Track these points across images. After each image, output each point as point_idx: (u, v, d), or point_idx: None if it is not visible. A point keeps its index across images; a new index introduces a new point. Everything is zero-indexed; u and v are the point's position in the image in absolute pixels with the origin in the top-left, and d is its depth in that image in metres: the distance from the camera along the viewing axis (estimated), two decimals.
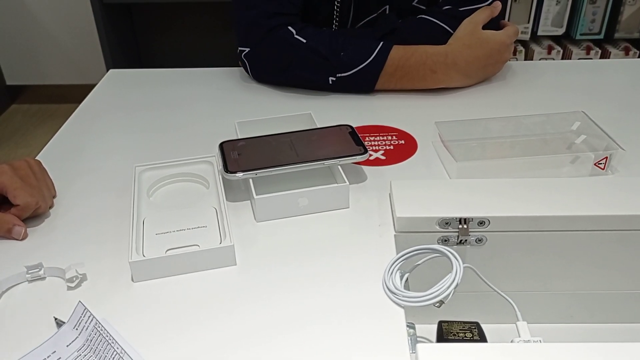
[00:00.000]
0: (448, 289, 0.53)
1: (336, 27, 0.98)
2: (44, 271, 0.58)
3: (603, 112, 0.83)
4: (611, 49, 2.12)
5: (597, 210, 0.61)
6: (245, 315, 0.54)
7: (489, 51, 0.90)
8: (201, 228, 0.62)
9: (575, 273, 0.65)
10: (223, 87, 0.98)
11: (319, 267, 0.59)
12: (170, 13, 2.53)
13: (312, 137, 0.71)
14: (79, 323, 0.49)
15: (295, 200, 0.65)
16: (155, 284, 0.57)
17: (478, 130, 0.77)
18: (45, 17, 2.57)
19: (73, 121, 0.90)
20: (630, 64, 1.07)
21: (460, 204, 0.62)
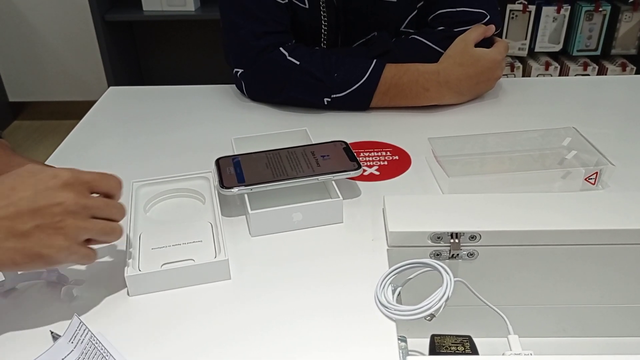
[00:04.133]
0: (439, 303, 0.54)
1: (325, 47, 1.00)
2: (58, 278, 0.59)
3: (594, 128, 0.84)
4: (608, 65, 2.14)
5: (587, 224, 0.62)
6: (239, 328, 0.54)
7: (480, 69, 0.91)
8: (196, 243, 0.63)
9: (566, 287, 0.66)
10: (220, 104, 1.00)
11: (311, 281, 0.60)
12: (171, 30, 2.56)
13: (307, 153, 0.73)
14: (75, 336, 0.49)
15: (289, 215, 0.66)
16: (150, 298, 0.58)
17: (471, 146, 0.78)
18: (48, 34, 2.60)
19: (72, 137, 0.91)
20: (622, 80, 1.08)
21: (452, 218, 0.63)
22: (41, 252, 0.50)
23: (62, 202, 0.50)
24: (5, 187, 0.50)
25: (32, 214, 0.49)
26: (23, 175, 0.51)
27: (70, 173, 0.52)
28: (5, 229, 0.49)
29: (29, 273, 0.59)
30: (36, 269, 0.52)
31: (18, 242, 0.49)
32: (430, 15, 0.95)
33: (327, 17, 0.95)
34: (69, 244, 0.51)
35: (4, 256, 0.49)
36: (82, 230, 0.52)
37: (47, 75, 2.72)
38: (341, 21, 0.96)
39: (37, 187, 0.50)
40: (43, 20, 2.57)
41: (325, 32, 0.96)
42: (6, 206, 0.49)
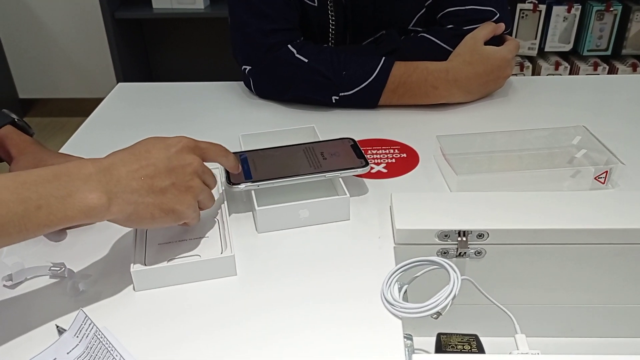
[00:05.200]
0: (445, 301, 0.54)
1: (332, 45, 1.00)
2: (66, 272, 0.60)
3: (604, 127, 0.83)
4: (619, 65, 2.13)
5: (596, 223, 0.61)
6: (245, 324, 0.54)
7: (490, 67, 0.91)
8: (203, 239, 0.63)
9: (574, 286, 0.65)
10: (228, 100, 1.00)
11: (318, 278, 0.59)
12: (181, 28, 2.56)
13: (315, 150, 0.72)
14: (80, 331, 0.49)
15: (296, 212, 0.66)
16: (156, 293, 0.58)
17: (479, 144, 0.78)
18: (58, 31, 2.62)
19: (81, 133, 0.91)
20: (632, 79, 1.07)
21: (459, 216, 0.62)
22: (175, 207, 0.55)
23: (191, 162, 0.57)
24: (141, 150, 0.55)
25: (168, 172, 0.55)
26: (153, 141, 0.57)
27: (190, 140, 0.58)
28: (147, 186, 0.54)
29: (35, 268, 0.60)
30: (167, 224, 0.57)
31: (157, 197, 0.54)
32: (439, 13, 0.95)
33: (335, 15, 0.95)
34: (195, 201, 0.57)
35: (145, 210, 0.54)
36: (203, 190, 0.58)
37: (56, 73, 2.73)
38: (349, 19, 0.96)
39: (169, 150, 0.56)
40: (53, 17, 2.59)
41: (333, 30, 0.96)
42: (147, 166, 0.54)
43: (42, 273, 0.60)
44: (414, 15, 0.96)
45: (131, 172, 0.53)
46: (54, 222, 0.49)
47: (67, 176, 0.50)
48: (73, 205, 0.49)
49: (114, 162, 0.53)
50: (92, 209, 0.50)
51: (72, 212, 0.49)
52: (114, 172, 0.52)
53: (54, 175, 0.50)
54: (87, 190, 0.50)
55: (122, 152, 0.55)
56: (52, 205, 0.48)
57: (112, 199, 0.51)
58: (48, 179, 0.49)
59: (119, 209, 0.52)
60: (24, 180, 0.49)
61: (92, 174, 0.51)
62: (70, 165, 0.51)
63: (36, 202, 0.48)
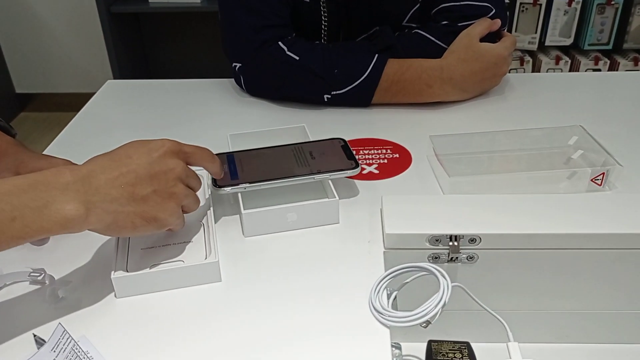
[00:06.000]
0: (435, 309, 0.52)
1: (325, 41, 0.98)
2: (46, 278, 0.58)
3: (603, 126, 0.81)
4: (620, 59, 2.10)
5: (592, 228, 0.59)
6: (229, 332, 0.53)
7: (485, 65, 0.89)
8: (187, 243, 0.61)
9: (570, 292, 0.64)
10: (219, 98, 0.98)
11: (304, 284, 0.58)
12: (178, 22, 2.54)
13: (304, 151, 0.71)
14: (57, 345, 0.48)
15: (284, 215, 0.64)
16: (138, 300, 0.57)
17: (473, 145, 0.76)
18: (54, 26, 2.60)
19: (69, 131, 0.90)
20: (633, 76, 1.05)
21: (451, 220, 0.61)
22: (157, 215, 0.54)
23: (173, 168, 0.55)
24: (122, 155, 0.53)
25: (149, 179, 0.53)
26: (134, 145, 0.55)
27: (175, 143, 0.56)
28: (128, 194, 0.52)
29: (14, 273, 0.58)
30: (150, 232, 0.55)
31: (138, 206, 0.52)
32: (434, 9, 0.93)
33: (328, 11, 0.93)
34: (178, 207, 0.56)
35: (126, 219, 0.52)
36: (186, 195, 0.56)
37: (53, 67, 2.71)
38: (342, 15, 0.94)
39: (151, 155, 0.54)
40: (49, 12, 2.56)
41: (325, 26, 0.94)
42: (127, 173, 0.52)
43: (21, 279, 0.59)
44: (408, 11, 0.94)
45: (110, 179, 0.51)
46: (28, 234, 0.47)
47: (44, 185, 0.48)
48: (49, 216, 0.47)
49: (93, 169, 0.51)
50: (69, 221, 0.48)
51: (48, 223, 0.48)
52: (93, 181, 0.51)
53: (30, 184, 0.48)
54: (64, 201, 0.48)
55: (102, 158, 0.53)
56: (27, 216, 0.47)
57: (90, 209, 0.49)
58: (23, 188, 0.48)
59: (97, 219, 0.50)
60: None
61: (70, 182, 0.49)
62: (48, 174, 0.49)
63: (10, 214, 0.46)
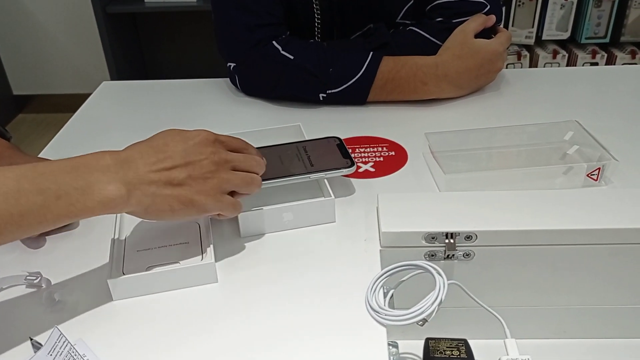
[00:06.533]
0: (431, 307, 0.52)
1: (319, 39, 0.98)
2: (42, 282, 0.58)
3: (599, 121, 0.81)
4: (617, 52, 2.09)
5: (588, 223, 0.59)
6: (226, 333, 0.53)
7: (480, 61, 0.88)
8: (183, 244, 0.61)
9: (567, 287, 0.64)
10: (213, 98, 0.98)
11: (301, 284, 0.58)
12: (175, 22, 2.53)
13: (299, 150, 0.70)
14: (54, 349, 0.48)
15: (279, 215, 0.64)
16: (135, 302, 0.57)
17: (469, 141, 0.76)
18: (51, 27, 2.59)
19: (64, 133, 0.90)
20: (631, 71, 1.05)
21: (447, 218, 0.61)
22: (193, 198, 0.55)
23: (208, 156, 0.56)
24: (159, 143, 0.55)
25: (185, 166, 0.54)
26: (171, 134, 0.57)
27: (210, 133, 0.58)
28: (165, 178, 0.53)
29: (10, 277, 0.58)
30: (189, 216, 0.56)
31: (174, 189, 0.54)
32: (428, 6, 0.92)
33: (321, 9, 0.93)
34: (216, 192, 0.56)
35: (164, 203, 0.53)
36: (226, 180, 0.57)
37: (50, 69, 2.71)
38: (335, 12, 0.93)
39: (186, 143, 0.56)
40: (46, 12, 2.56)
41: (319, 24, 0.94)
42: (164, 159, 0.54)
43: (17, 283, 0.59)
44: (401, 7, 0.93)
45: (148, 164, 0.53)
46: (73, 212, 0.49)
47: (85, 167, 0.50)
48: (92, 196, 0.49)
49: (131, 154, 0.54)
50: (111, 200, 0.50)
51: (91, 203, 0.49)
52: (132, 165, 0.53)
53: (72, 166, 0.50)
54: (105, 182, 0.50)
55: (139, 145, 0.56)
56: (72, 195, 0.49)
57: (131, 190, 0.51)
58: (66, 170, 0.50)
59: (137, 201, 0.52)
60: (42, 170, 0.49)
61: (110, 165, 0.51)
62: (88, 157, 0.52)
63: (55, 192, 0.48)
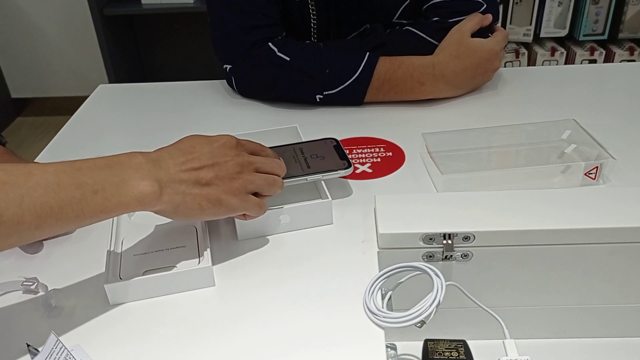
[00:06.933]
0: (429, 309, 0.52)
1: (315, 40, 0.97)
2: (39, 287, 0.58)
3: (597, 119, 0.81)
4: (616, 49, 2.09)
5: (586, 223, 0.59)
6: (223, 336, 0.53)
7: (477, 61, 0.88)
8: (180, 248, 0.61)
9: (566, 287, 0.63)
10: (210, 100, 0.97)
11: (298, 286, 0.58)
12: (172, 23, 2.53)
13: (296, 151, 0.70)
14: (51, 355, 0.48)
15: (277, 218, 0.64)
16: (132, 307, 0.56)
17: (466, 141, 0.76)
18: (48, 30, 2.59)
19: (60, 137, 0.89)
20: (628, 68, 1.05)
21: (444, 218, 0.60)
22: (221, 197, 0.56)
23: (233, 158, 0.58)
24: (186, 145, 0.58)
25: (212, 166, 0.57)
26: (196, 137, 0.59)
27: (232, 137, 0.60)
28: (193, 178, 0.55)
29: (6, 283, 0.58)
30: (216, 216, 0.58)
31: (202, 189, 0.56)
32: (424, 5, 0.92)
33: (317, 9, 0.92)
34: (241, 192, 0.58)
35: (193, 201, 0.55)
36: (250, 182, 0.59)
37: (49, 72, 2.71)
38: (331, 13, 0.93)
39: (212, 146, 0.58)
40: (43, 15, 2.56)
41: (315, 24, 0.94)
42: (192, 160, 0.56)
43: (14, 288, 0.58)
44: (398, 7, 0.93)
45: (178, 164, 0.55)
46: (109, 207, 0.50)
47: (119, 165, 0.52)
48: (127, 191, 0.51)
49: (161, 154, 0.56)
50: (145, 196, 0.51)
51: (126, 198, 0.51)
52: (162, 164, 0.54)
53: (106, 164, 0.52)
54: (139, 178, 0.52)
55: (167, 147, 0.58)
56: (108, 190, 0.50)
57: (163, 187, 0.53)
58: (101, 166, 0.51)
59: (169, 199, 0.53)
60: (79, 166, 0.50)
61: (142, 163, 0.53)
62: (121, 156, 0.53)
63: (92, 187, 0.49)
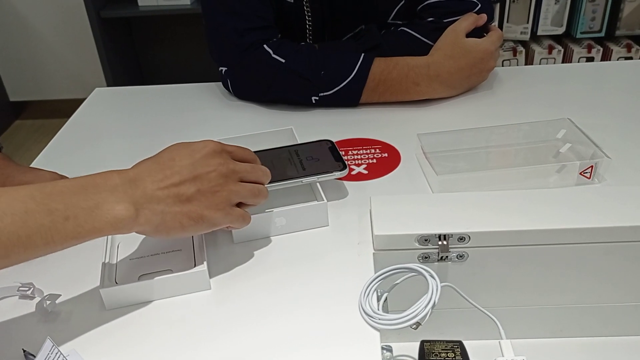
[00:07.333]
0: (424, 310, 0.52)
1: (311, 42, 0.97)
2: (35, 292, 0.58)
3: (592, 118, 0.81)
4: (613, 46, 2.09)
5: (581, 222, 0.59)
6: (218, 340, 0.53)
7: (472, 61, 0.88)
8: (176, 252, 0.61)
9: (562, 286, 0.63)
10: (206, 103, 0.97)
11: (294, 289, 0.58)
12: (169, 25, 2.53)
13: (291, 154, 0.70)
14: None
15: (272, 220, 0.64)
16: (128, 311, 0.56)
17: (461, 141, 0.76)
18: (47, 33, 2.59)
19: (57, 140, 0.90)
20: (625, 66, 1.05)
21: (439, 219, 0.60)
22: (203, 213, 0.54)
23: (216, 167, 0.56)
24: (166, 159, 0.55)
25: (193, 180, 0.54)
26: (178, 148, 0.57)
27: (216, 143, 0.58)
28: (174, 195, 0.53)
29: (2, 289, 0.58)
30: (199, 231, 0.56)
31: (184, 206, 0.53)
32: (419, 6, 0.92)
33: (312, 11, 0.92)
34: (225, 205, 0.56)
35: (173, 220, 0.53)
36: (234, 193, 0.57)
37: (46, 75, 2.71)
38: (326, 14, 0.93)
39: (193, 157, 0.55)
40: (40, 18, 2.56)
41: (310, 26, 0.94)
42: (171, 175, 0.54)
43: (10, 294, 0.59)
44: (393, 8, 0.93)
45: (156, 181, 0.53)
46: (81, 234, 0.48)
47: (94, 187, 0.50)
48: (101, 216, 0.49)
49: (139, 172, 0.53)
50: (120, 221, 0.50)
51: (99, 223, 0.49)
52: (139, 183, 0.52)
53: (80, 186, 0.50)
54: (114, 202, 0.50)
55: (146, 162, 0.55)
56: (80, 216, 0.48)
57: (139, 209, 0.51)
58: (74, 190, 0.49)
59: (145, 220, 0.52)
60: (50, 191, 0.48)
61: (118, 185, 0.51)
62: (96, 177, 0.52)
63: (64, 213, 0.48)
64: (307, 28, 0.94)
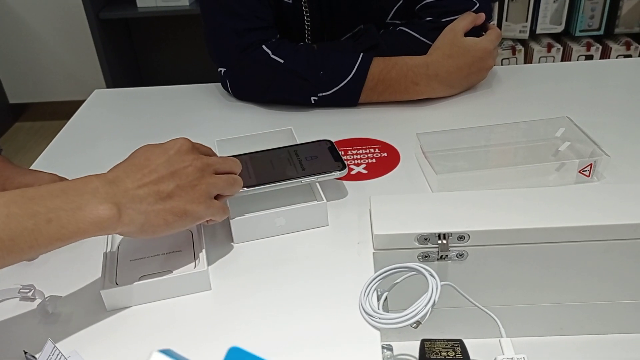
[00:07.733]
0: (424, 309, 0.52)
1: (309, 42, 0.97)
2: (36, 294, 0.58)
3: (591, 116, 0.81)
4: (612, 44, 2.09)
5: (580, 220, 0.59)
6: (220, 340, 0.53)
7: (471, 60, 0.88)
8: (176, 252, 0.61)
9: (561, 285, 0.63)
10: (205, 103, 0.97)
11: (294, 289, 0.58)
12: (168, 26, 2.53)
13: (291, 154, 0.70)
14: None
15: (272, 220, 0.64)
16: (128, 312, 0.57)
17: (460, 141, 0.76)
18: (46, 35, 2.59)
19: (57, 143, 0.90)
20: (623, 64, 1.05)
21: (439, 218, 0.61)
22: (186, 208, 0.55)
23: (192, 162, 0.56)
24: (141, 159, 0.55)
25: (171, 176, 0.55)
26: (149, 148, 0.57)
27: (186, 140, 0.59)
28: (154, 193, 0.53)
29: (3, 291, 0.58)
30: (184, 226, 0.56)
31: (166, 203, 0.54)
32: (417, 5, 0.92)
33: (310, 11, 0.92)
34: (205, 198, 0.57)
35: (158, 217, 0.54)
36: (212, 185, 0.57)
37: (46, 76, 2.71)
38: (325, 14, 0.93)
39: (167, 154, 0.56)
40: (39, 20, 2.56)
41: (308, 26, 0.94)
42: (149, 173, 0.54)
43: (11, 296, 0.59)
44: (391, 8, 0.93)
45: (135, 180, 0.53)
46: (66, 235, 0.49)
47: (75, 190, 0.51)
48: (84, 217, 0.49)
49: (117, 174, 0.54)
50: (104, 221, 0.50)
51: (84, 224, 0.49)
52: (120, 184, 0.53)
53: (61, 190, 0.50)
54: (96, 203, 0.50)
55: (122, 165, 0.56)
56: (63, 218, 0.48)
57: (122, 210, 0.51)
58: (55, 194, 0.50)
59: (129, 219, 0.52)
60: (31, 195, 0.49)
61: (99, 187, 0.52)
62: (77, 181, 0.52)
63: (46, 216, 0.48)
64: (305, 28, 0.94)
